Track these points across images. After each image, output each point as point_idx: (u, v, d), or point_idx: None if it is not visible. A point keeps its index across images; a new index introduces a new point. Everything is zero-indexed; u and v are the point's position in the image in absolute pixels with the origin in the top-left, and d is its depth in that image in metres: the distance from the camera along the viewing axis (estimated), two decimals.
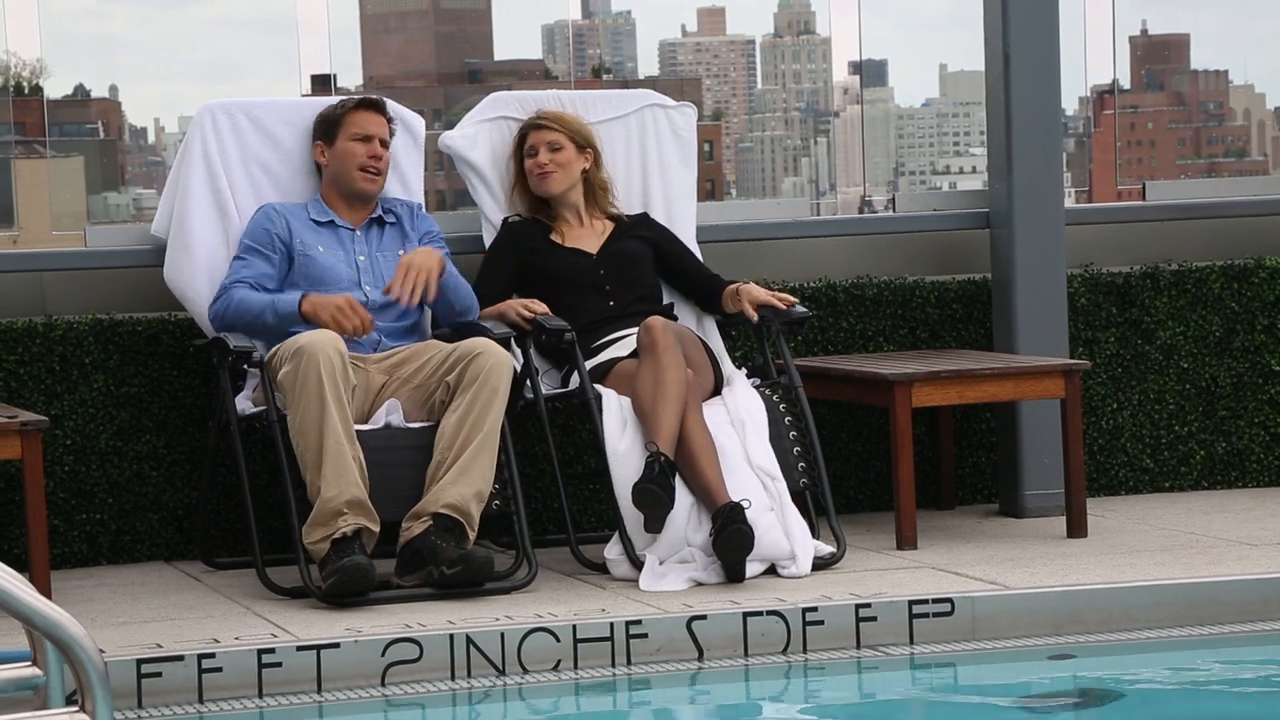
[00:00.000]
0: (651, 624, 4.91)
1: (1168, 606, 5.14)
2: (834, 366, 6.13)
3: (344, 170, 5.78)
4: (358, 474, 5.25)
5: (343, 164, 5.78)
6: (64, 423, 5.91)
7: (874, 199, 8.04)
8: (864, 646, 4.97)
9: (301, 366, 5.27)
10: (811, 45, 23.98)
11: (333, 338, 5.37)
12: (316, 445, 5.24)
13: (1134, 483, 6.69)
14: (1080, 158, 10.47)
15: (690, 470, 5.43)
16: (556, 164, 5.96)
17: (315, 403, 5.25)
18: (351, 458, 5.25)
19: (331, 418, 5.24)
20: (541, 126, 6.00)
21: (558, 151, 5.97)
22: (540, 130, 5.99)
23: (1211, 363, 6.72)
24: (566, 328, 5.68)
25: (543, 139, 5.98)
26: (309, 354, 5.27)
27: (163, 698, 4.60)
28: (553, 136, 5.98)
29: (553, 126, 5.99)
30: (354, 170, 5.76)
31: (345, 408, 5.28)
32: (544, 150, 5.96)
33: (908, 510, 5.81)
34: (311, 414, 5.25)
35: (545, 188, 5.96)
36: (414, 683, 4.74)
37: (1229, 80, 20.11)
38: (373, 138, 5.78)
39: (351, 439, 5.28)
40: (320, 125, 5.86)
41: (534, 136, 5.99)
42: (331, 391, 5.25)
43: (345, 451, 5.24)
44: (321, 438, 5.23)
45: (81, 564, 5.95)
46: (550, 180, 5.95)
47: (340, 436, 5.24)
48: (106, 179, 13.31)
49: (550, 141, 5.97)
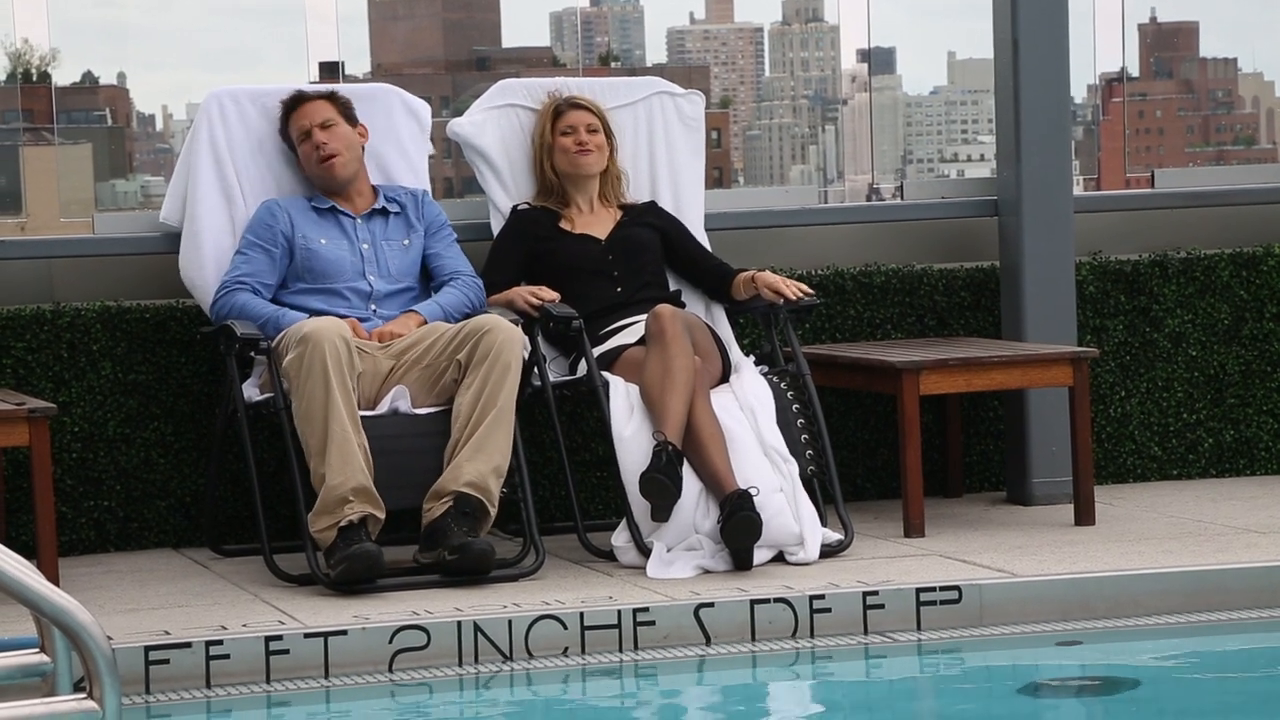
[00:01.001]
0: (659, 611, 4.91)
1: (1175, 594, 5.13)
2: (842, 354, 6.13)
3: (312, 173, 5.80)
4: (363, 461, 5.25)
5: (305, 164, 5.80)
6: (72, 410, 5.92)
7: (882, 187, 8.04)
8: (871, 634, 4.97)
9: (307, 354, 5.27)
10: (820, 33, 23.96)
11: (339, 325, 5.37)
12: (321, 432, 5.24)
13: (1142, 470, 6.69)
14: (1089, 145, 10.45)
15: (698, 457, 5.43)
16: (595, 145, 5.97)
17: (320, 390, 5.25)
18: (357, 445, 5.25)
19: (336, 405, 5.24)
20: (580, 106, 6.00)
21: (594, 134, 5.98)
22: (579, 110, 5.99)
23: (1220, 350, 6.71)
24: (574, 315, 5.67)
25: (582, 119, 5.98)
26: (314, 341, 5.27)
27: (171, 684, 4.60)
28: (591, 119, 5.99)
29: (591, 109, 6.00)
30: (314, 168, 5.78)
31: (350, 395, 5.28)
32: (583, 130, 5.96)
33: (915, 498, 5.80)
34: (316, 401, 5.25)
35: (584, 165, 5.96)
36: (421, 669, 4.74)
37: (1238, 68, 20.09)
38: (310, 130, 5.77)
39: (357, 426, 5.28)
40: (284, 139, 5.86)
41: (573, 115, 5.99)
42: (336, 378, 5.25)
43: (350, 439, 5.24)
44: (326, 425, 5.23)
45: (89, 551, 5.95)
46: (590, 158, 5.95)
47: (345, 424, 5.24)
48: (114, 166, 13.32)
49: (589, 123, 5.98)
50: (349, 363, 5.32)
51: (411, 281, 5.81)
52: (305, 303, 5.68)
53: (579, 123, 5.98)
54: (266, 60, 19.07)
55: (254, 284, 5.67)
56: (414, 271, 5.82)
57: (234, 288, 5.66)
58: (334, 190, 5.79)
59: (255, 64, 17.99)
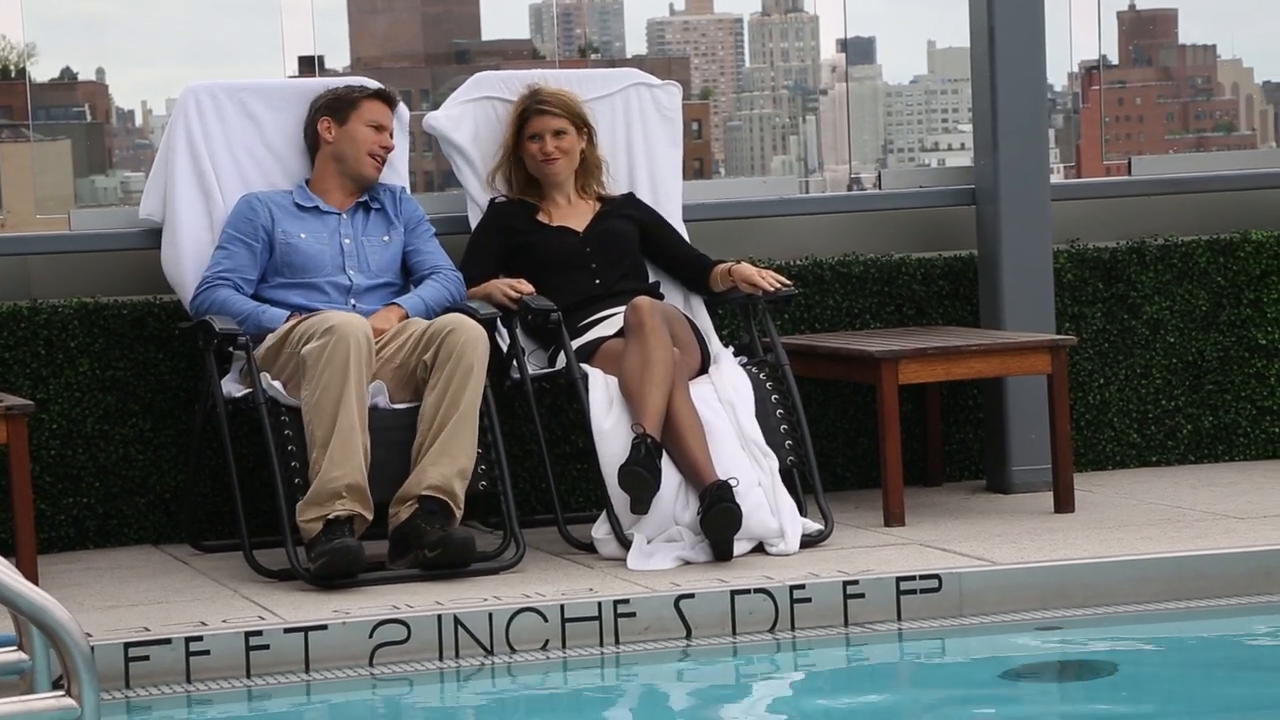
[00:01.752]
0: (639, 603, 4.91)
1: (1154, 581, 5.14)
2: (821, 344, 6.14)
3: (353, 152, 5.78)
4: (362, 460, 5.26)
5: (353, 145, 5.78)
6: (50, 407, 5.91)
7: (863, 176, 8.05)
8: (852, 624, 4.98)
9: (331, 345, 5.27)
10: (799, 23, 23.95)
11: (364, 323, 5.38)
12: (329, 423, 5.24)
13: (1121, 457, 6.70)
14: (1068, 133, 10.46)
15: (677, 449, 5.43)
16: (561, 150, 5.95)
17: (338, 382, 5.25)
18: (360, 444, 5.26)
19: (350, 400, 5.25)
20: (545, 112, 5.97)
21: (562, 138, 5.95)
22: (544, 116, 5.95)
23: (1198, 337, 6.72)
24: (552, 308, 5.67)
25: (548, 126, 5.95)
26: (340, 334, 5.28)
27: (150, 680, 4.60)
28: (557, 123, 5.95)
29: (556, 111, 5.96)
30: (364, 154, 5.78)
31: (365, 393, 5.30)
32: (549, 138, 5.94)
33: (895, 487, 5.81)
34: (332, 393, 5.25)
35: (551, 175, 5.95)
36: (402, 663, 4.74)
37: (1216, 54, 20.10)
38: (385, 128, 5.81)
39: (364, 426, 5.28)
40: (331, 103, 5.84)
41: (538, 122, 5.96)
42: (355, 375, 5.27)
43: (356, 436, 5.25)
44: (336, 417, 5.24)
45: (68, 548, 5.94)
46: (556, 167, 5.94)
47: (354, 420, 5.25)
48: (93, 162, 13.29)
49: (556, 129, 5.95)
50: (368, 362, 5.33)
51: (392, 276, 5.81)
52: (284, 297, 5.68)
53: (544, 129, 5.96)
54: (245, 54, 19.05)
55: (235, 279, 5.66)
56: (394, 267, 5.83)
57: (215, 283, 5.66)
58: (349, 179, 5.78)
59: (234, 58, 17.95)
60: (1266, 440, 6.76)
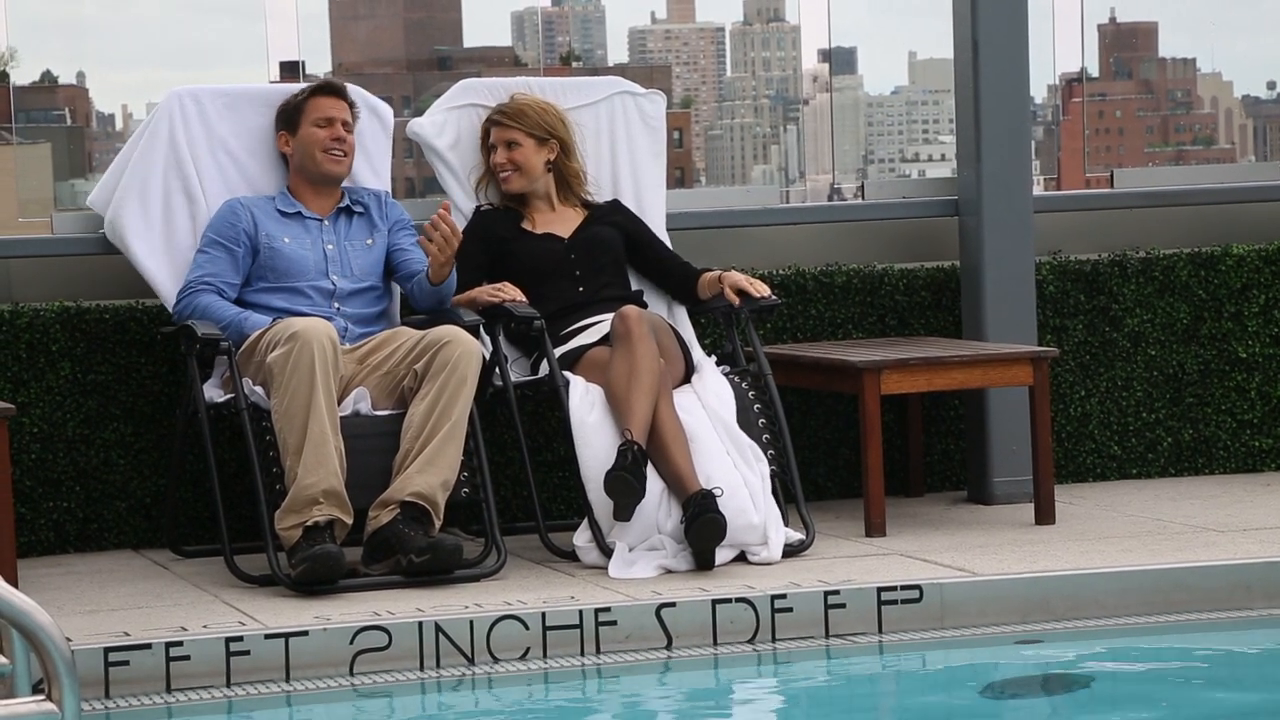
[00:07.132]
0: (620, 611, 4.91)
1: (1134, 593, 5.15)
2: (803, 354, 6.14)
3: (308, 155, 5.78)
4: (337, 465, 5.24)
5: (306, 149, 5.78)
6: (30, 410, 5.89)
7: (843, 187, 8.05)
8: (833, 634, 4.98)
9: (295, 351, 5.26)
10: (781, 33, 23.96)
11: (327, 326, 5.37)
12: (300, 431, 5.23)
13: (1101, 470, 6.71)
14: (1049, 145, 10.48)
15: (661, 458, 5.43)
16: (514, 163, 5.94)
17: (305, 388, 5.24)
18: (334, 448, 5.25)
19: (319, 405, 5.23)
20: (498, 123, 5.97)
21: (514, 150, 5.94)
22: (499, 127, 5.96)
23: (1179, 350, 6.74)
24: (535, 315, 5.67)
25: (502, 137, 5.96)
26: (304, 340, 5.27)
27: (130, 687, 4.59)
28: (510, 135, 5.95)
29: (509, 124, 5.95)
30: (317, 153, 5.76)
31: (333, 397, 5.28)
32: (501, 149, 5.95)
33: (876, 497, 5.81)
34: (299, 399, 5.24)
35: (505, 188, 5.96)
36: (383, 671, 4.73)
37: (1197, 68, 20.14)
38: (334, 120, 5.78)
39: (335, 430, 5.27)
40: (282, 115, 5.85)
41: (495, 134, 5.98)
42: (322, 380, 5.25)
43: (328, 440, 5.24)
44: (306, 424, 5.22)
45: (49, 552, 5.93)
46: (509, 181, 5.95)
47: (325, 425, 5.24)
48: (74, 166, 13.25)
49: (508, 140, 5.95)
50: (334, 365, 5.32)
51: (375, 280, 5.81)
52: (268, 301, 5.67)
53: (499, 140, 5.96)
54: (227, 59, 19.01)
55: (218, 284, 5.66)
56: (377, 270, 5.82)
57: (198, 288, 5.65)
58: (318, 183, 5.77)
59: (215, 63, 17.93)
60: (1246, 454, 6.78)
